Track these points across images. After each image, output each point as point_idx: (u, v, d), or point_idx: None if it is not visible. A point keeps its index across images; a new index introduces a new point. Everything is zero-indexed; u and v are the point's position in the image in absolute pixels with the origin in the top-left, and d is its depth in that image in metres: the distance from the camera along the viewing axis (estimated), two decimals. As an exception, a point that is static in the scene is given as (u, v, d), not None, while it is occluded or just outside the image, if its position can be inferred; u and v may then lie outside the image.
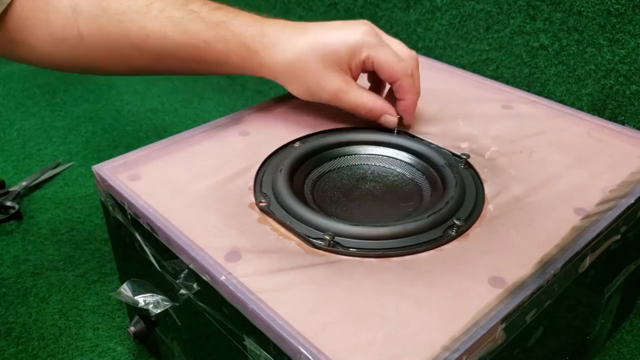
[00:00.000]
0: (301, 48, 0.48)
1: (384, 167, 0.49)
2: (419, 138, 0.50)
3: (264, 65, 0.49)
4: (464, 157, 0.47)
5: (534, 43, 0.67)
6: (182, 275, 0.39)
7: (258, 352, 0.35)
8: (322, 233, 0.39)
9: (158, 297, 0.42)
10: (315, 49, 0.48)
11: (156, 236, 0.41)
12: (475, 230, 0.40)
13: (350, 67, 0.48)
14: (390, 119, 0.50)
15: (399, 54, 0.49)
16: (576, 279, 0.40)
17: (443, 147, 0.49)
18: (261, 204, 0.42)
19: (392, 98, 0.51)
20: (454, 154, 0.48)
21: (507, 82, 0.69)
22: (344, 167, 0.49)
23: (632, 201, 0.42)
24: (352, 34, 0.48)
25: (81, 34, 0.49)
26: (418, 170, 0.47)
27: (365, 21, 0.50)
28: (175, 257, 0.40)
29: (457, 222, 0.39)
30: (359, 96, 0.49)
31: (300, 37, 0.48)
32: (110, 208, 0.46)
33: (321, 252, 0.38)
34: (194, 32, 0.48)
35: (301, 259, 0.37)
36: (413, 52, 0.50)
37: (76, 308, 0.58)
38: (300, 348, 0.31)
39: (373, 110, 0.50)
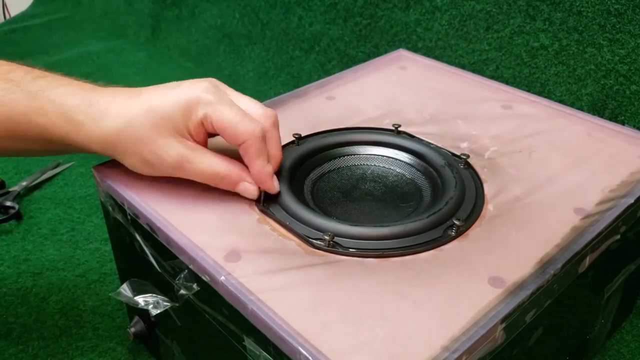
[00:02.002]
0: (132, 113, 0.41)
1: (384, 167, 0.49)
2: (419, 138, 0.50)
3: (92, 138, 0.42)
4: (464, 157, 0.47)
5: (534, 43, 0.67)
6: (182, 275, 0.39)
7: (258, 353, 0.35)
8: (321, 233, 0.39)
9: (158, 298, 0.42)
10: (147, 114, 0.41)
11: (156, 236, 0.41)
12: (475, 230, 0.40)
13: (189, 130, 0.41)
14: (249, 187, 0.42)
15: (248, 111, 0.42)
16: (576, 279, 0.40)
17: (443, 147, 0.49)
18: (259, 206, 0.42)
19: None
20: (453, 154, 0.48)
21: (507, 82, 0.69)
22: (343, 167, 0.49)
23: (632, 201, 0.42)
24: (186, 92, 0.41)
25: None
26: (418, 170, 0.47)
27: (209, 79, 0.43)
28: (175, 257, 0.40)
29: (456, 222, 0.39)
30: (208, 163, 0.42)
31: (132, 102, 0.42)
32: (110, 208, 0.46)
33: (321, 252, 0.38)
34: (10, 103, 0.42)
35: (301, 259, 0.37)
36: (269, 111, 0.43)
37: (76, 308, 0.58)
38: (300, 348, 0.31)
39: (227, 178, 0.42)
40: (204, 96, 0.41)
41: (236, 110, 0.41)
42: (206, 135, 0.43)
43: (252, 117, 0.42)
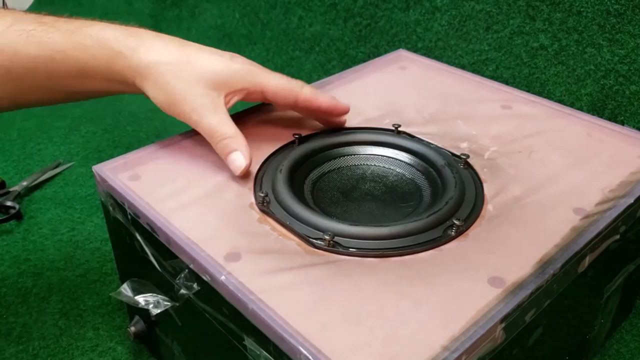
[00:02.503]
0: (178, 54, 0.44)
1: (384, 167, 0.49)
2: (419, 138, 0.50)
3: (130, 66, 0.44)
4: (464, 157, 0.47)
5: (534, 43, 0.67)
6: (182, 275, 0.39)
7: (258, 352, 0.35)
8: (321, 233, 0.39)
9: (158, 297, 0.42)
10: (192, 61, 0.44)
11: (156, 236, 0.41)
12: (474, 230, 0.40)
13: (226, 93, 0.44)
14: (238, 157, 0.43)
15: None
16: (575, 279, 0.40)
17: (442, 147, 0.49)
18: (260, 205, 0.42)
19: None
20: (453, 154, 0.48)
21: (506, 82, 0.69)
22: (343, 167, 0.49)
23: (632, 201, 0.42)
24: (235, 62, 0.44)
25: None
26: (417, 170, 0.47)
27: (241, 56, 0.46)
28: (175, 257, 0.40)
29: (456, 222, 0.39)
30: (221, 120, 0.43)
31: (178, 46, 0.44)
32: (111, 208, 0.46)
33: (321, 252, 0.38)
34: (47, 42, 0.43)
35: (301, 259, 0.37)
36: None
37: (76, 308, 0.58)
38: (300, 348, 0.31)
39: (229, 140, 0.43)
40: (251, 68, 0.44)
41: (279, 74, 0.45)
42: (234, 103, 0.45)
43: (289, 79, 0.45)
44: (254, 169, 0.46)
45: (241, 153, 0.43)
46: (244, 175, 0.45)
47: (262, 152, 0.48)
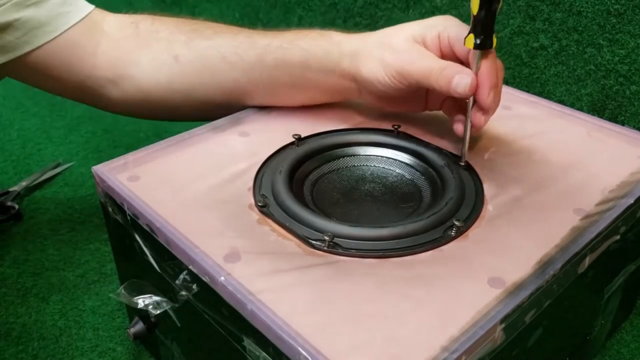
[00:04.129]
0: (380, 32, 0.49)
1: (384, 168, 0.49)
2: (418, 139, 0.50)
3: (343, 52, 0.49)
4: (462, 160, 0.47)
5: (534, 43, 0.67)
6: (182, 276, 0.39)
7: (257, 353, 0.35)
8: (321, 234, 0.39)
9: (158, 298, 0.42)
10: (392, 31, 0.48)
11: (155, 237, 0.41)
12: (474, 231, 0.40)
13: (425, 43, 0.46)
14: (461, 78, 0.43)
15: None
16: (576, 280, 0.40)
17: (442, 147, 0.49)
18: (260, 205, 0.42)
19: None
20: (453, 155, 0.48)
21: (506, 83, 0.69)
22: (343, 168, 0.49)
23: (632, 201, 0.42)
24: (432, 19, 0.48)
25: (176, 56, 0.54)
26: (417, 171, 0.47)
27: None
28: (174, 258, 0.40)
29: (456, 223, 0.39)
30: (433, 61, 0.45)
31: (363, 35, 0.50)
32: (110, 209, 0.46)
33: (320, 252, 0.38)
34: (280, 35, 0.52)
35: (300, 260, 0.37)
36: None
37: (76, 308, 0.58)
38: (299, 349, 0.31)
39: (444, 73, 0.44)
40: (444, 20, 0.47)
41: (465, 26, 0.46)
42: (439, 51, 0.47)
43: None
44: (254, 170, 0.46)
45: (464, 74, 0.43)
46: (244, 176, 0.45)
47: (262, 153, 0.48)
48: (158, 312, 0.42)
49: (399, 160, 0.49)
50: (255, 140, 0.50)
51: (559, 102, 0.59)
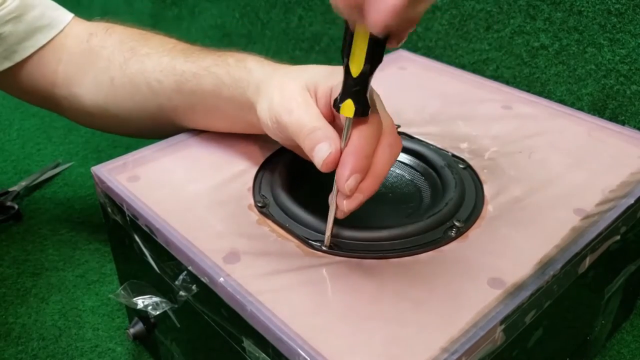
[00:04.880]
0: (288, 69, 0.44)
1: (384, 167, 0.48)
2: (418, 139, 0.50)
3: (251, 82, 0.45)
4: (464, 157, 0.47)
5: (534, 43, 0.67)
6: (181, 277, 0.39)
7: (257, 354, 0.35)
8: (321, 235, 0.39)
9: (157, 299, 0.42)
10: (296, 70, 0.43)
11: (155, 238, 0.41)
12: (474, 231, 0.40)
13: (317, 93, 0.40)
14: (325, 147, 0.36)
15: None
16: (576, 280, 0.39)
17: (442, 148, 0.49)
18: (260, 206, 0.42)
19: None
20: (453, 155, 0.48)
21: (507, 82, 0.69)
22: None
23: (632, 202, 0.42)
24: (336, 69, 0.40)
25: (112, 78, 0.54)
26: (417, 171, 0.47)
27: None
28: (174, 258, 0.40)
29: (456, 224, 0.39)
30: (304, 115, 0.38)
31: (275, 67, 0.46)
32: (109, 209, 0.46)
33: (320, 253, 0.38)
34: (199, 60, 0.49)
35: (300, 261, 0.37)
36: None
37: (76, 308, 0.58)
38: (299, 350, 0.31)
39: (311, 135, 0.37)
40: (336, 72, 0.39)
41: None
42: (325, 106, 0.40)
43: None
44: (253, 170, 0.46)
45: (327, 143, 0.36)
46: (243, 177, 0.45)
47: (262, 153, 0.48)
48: (157, 312, 0.42)
49: (398, 161, 0.48)
50: (255, 140, 0.50)
51: (560, 102, 0.59)
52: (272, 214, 0.41)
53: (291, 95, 0.40)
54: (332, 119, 0.39)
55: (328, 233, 0.38)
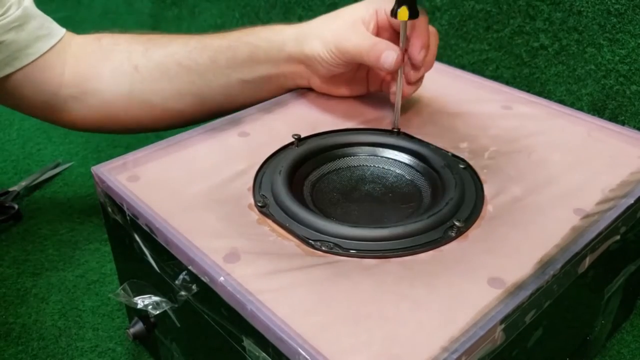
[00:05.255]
0: (322, 16, 0.53)
1: (383, 168, 0.49)
2: (418, 139, 0.50)
3: (286, 38, 0.53)
4: (464, 158, 0.47)
5: (534, 43, 0.67)
6: (181, 276, 0.39)
7: (257, 354, 0.35)
8: (321, 234, 0.39)
9: (157, 299, 0.42)
10: (333, 13, 0.53)
11: (155, 237, 0.41)
12: (474, 231, 0.40)
13: (363, 19, 0.50)
14: (391, 53, 0.47)
15: None
16: (576, 280, 0.40)
17: (442, 147, 0.49)
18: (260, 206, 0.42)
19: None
20: (453, 155, 0.48)
21: (507, 82, 0.69)
22: (343, 168, 0.48)
23: (632, 201, 0.42)
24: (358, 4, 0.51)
25: (135, 65, 0.56)
26: (417, 171, 0.47)
27: None
28: (174, 258, 0.40)
29: (456, 223, 0.39)
30: (361, 39, 0.49)
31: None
32: (109, 209, 0.46)
33: (320, 253, 0.38)
34: (228, 35, 0.55)
35: (300, 260, 0.37)
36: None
37: (76, 308, 0.58)
38: (299, 349, 0.31)
39: (374, 49, 0.48)
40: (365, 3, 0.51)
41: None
42: (376, 28, 0.51)
43: None
44: (253, 170, 0.46)
45: (391, 50, 0.47)
46: (243, 176, 0.45)
47: (262, 153, 0.48)
48: (157, 312, 0.42)
49: (398, 161, 0.48)
50: (255, 140, 0.50)
51: (559, 102, 0.59)
52: (272, 214, 0.41)
53: (342, 26, 0.50)
54: (379, 36, 0.50)
55: (397, 115, 0.51)
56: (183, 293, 0.39)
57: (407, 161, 0.48)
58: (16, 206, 0.70)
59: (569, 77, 0.65)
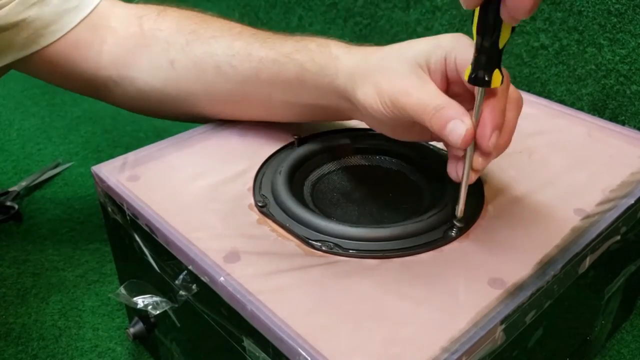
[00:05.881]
0: (384, 51, 0.43)
1: (384, 168, 0.49)
2: (419, 138, 0.50)
3: (340, 69, 0.44)
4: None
5: (534, 43, 0.67)
6: (181, 276, 0.39)
7: (257, 354, 0.35)
8: (321, 234, 0.39)
9: (157, 299, 0.42)
10: (396, 50, 0.42)
11: (155, 237, 0.41)
12: (475, 232, 0.40)
13: (429, 66, 0.39)
14: (457, 125, 0.36)
15: None
16: (576, 280, 0.40)
17: (442, 148, 0.49)
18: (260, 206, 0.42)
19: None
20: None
21: (507, 82, 0.69)
22: (343, 168, 0.48)
23: (632, 202, 0.42)
24: (441, 38, 0.40)
25: (172, 60, 0.52)
26: (417, 171, 0.47)
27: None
28: (174, 258, 0.40)
29: (457, 223, 0.39)
30: (431, 95, 0.38)
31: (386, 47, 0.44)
32: (109, 209, 0.46)
33: (320, 253, 0.38)
34: (278, 46, 0.48)
35: (300, 260, 0.37)
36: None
37: (76, 308, 0.58)
38: (299, 349, 0.31)
39: (438, 115, 0.36)
40: (454, 40, 0.39)
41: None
42: (443, 76, 0.39)
43: None
44: (254, 170, 0.46)
45: (460, 120, 0.36)
46: (244, 176, 0.45)
47: (262, 153, 0.48)
48: (157, 312, 0.42)
49: (399, 161, 0.48)
50: (255, 140, 0.50)
51: (560, 102, 0.59)
52: (272, 214, 0.41)
53: (403, 74, 0.39)
54: (447, 90, 0.39)
55: (462, 206, 0.39)
56: (183, 293, 0.39)
57: (407, 161, 0.48)
58: (16, 206, 0.70)
59: (569, 77, 0.65)
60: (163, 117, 0.59)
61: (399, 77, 0.39)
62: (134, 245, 0.44)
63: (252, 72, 0.48)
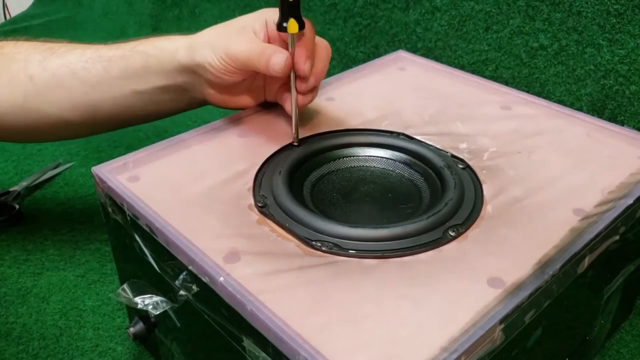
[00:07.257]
0: (216, 26, 0.51)
1: (383, 168, 0.49)
2: (418, 139, 0.50)
3: (179, 46, 0.51)
4: (463, 158, 0.47)
5: (534, 43, 0.67)
6: (181, 276, 0.39)
7: (257, 353, 0.35)
8: (321, 234, 0.39)
9: (157, 298, 0.42)
10: (226, 22, 0.51)
11: (155, 237, 0.41)
12: (474, 232, 0.40)
13: (255, 30, 0.49)
14: (280, 56, 0.47)
15: None
16: (575, 280, 0.40)
17: (442, 148, 0.49)
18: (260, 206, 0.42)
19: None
20: (452, 156, 0.48)
21: (506, 83, 0.69)
22: (343, 169, 0.49)
23: (631, 202, 0.42)
24: (262, 10, 0.51)
25: (31, 76, 0.55)
26: (417, 171, 0.47)
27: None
28: (174, 258, 0.40)
29: (456, 224, 0.39)
30: (251, 44, 0.48)
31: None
32: (110, 209, 0.46)
33: (320, 253, 0.38)
34: (123, 45, 0.54)
35: (300, 260, 0.37)
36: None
37: (76, 308, 0.58)
38: (299, 349, 0.31)
39: (264, 53, 0.47)
40: (264, 11, 0.50)
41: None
42: (266, 37, 0.50)
43: None
44: (253, 170, 0.46)
45: (280, 53, 0.47)
46: (243, 177, 0.45)
47: (262, 153, 0.48)
48: (158, 312, 0.42)
49: (398, 161, 0.49)
50: (255, 140, 0.51)
51: (559, 102, 0.59)
52: (272, 214, 0.41)
53: (235, 34, 0.49)
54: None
55: (295, 129, 0.49)
56: (183, 293, 0.39)
57: (406, 162, 0.48)
58: (17, 206, 0.70)
59: (569, 77, 0.65)
60: (21, 137, 0.61)
61: (231, 36, 0.49)
62: (135, 245, 0.44)
63: (104, 70, 0.53)
